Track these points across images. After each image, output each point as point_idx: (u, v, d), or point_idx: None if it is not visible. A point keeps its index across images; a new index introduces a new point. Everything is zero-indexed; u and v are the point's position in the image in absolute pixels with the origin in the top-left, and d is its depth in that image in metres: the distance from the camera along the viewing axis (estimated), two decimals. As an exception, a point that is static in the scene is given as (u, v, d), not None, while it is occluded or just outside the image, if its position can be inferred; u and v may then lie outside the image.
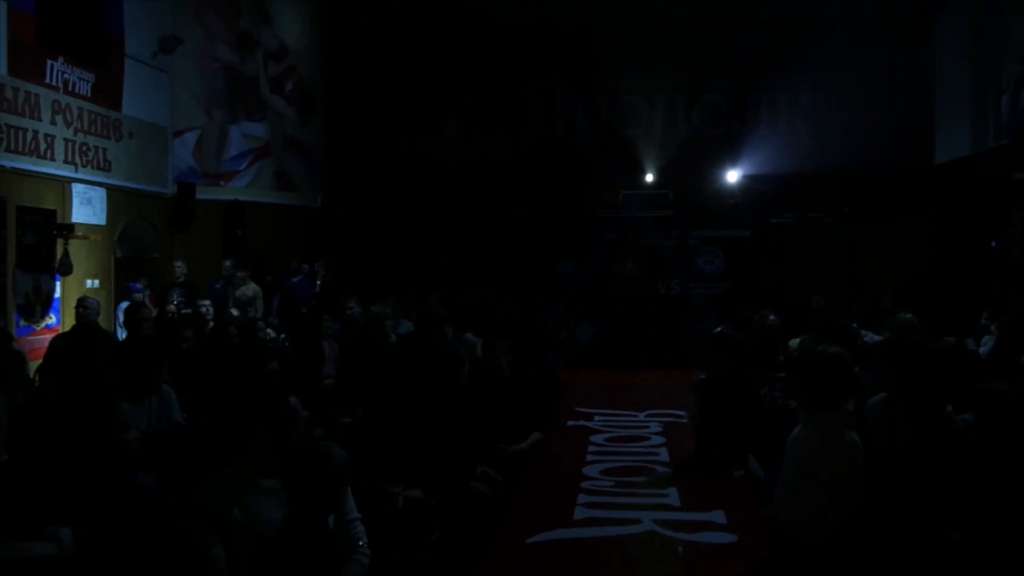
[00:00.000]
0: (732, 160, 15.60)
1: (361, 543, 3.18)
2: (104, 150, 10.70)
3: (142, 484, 3.03)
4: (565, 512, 4.27)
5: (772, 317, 6.43)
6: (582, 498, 4.49)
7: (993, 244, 12.87)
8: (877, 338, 7.88)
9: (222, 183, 12.88)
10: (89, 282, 10.46)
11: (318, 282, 12.56)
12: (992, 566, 3.17)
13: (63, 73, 9.90)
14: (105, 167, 10.71)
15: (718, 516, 4.15)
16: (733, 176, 15.55)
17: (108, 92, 10.80)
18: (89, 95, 10.38)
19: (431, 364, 4.97)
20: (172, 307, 9.73)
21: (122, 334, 10.29)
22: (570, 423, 6.57)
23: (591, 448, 5.67)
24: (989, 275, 12.54)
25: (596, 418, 6.75)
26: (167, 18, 12.00)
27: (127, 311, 9.22)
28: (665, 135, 15.87)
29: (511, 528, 4.07)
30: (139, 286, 10.94)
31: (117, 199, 10.99)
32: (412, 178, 15.08)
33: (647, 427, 6.43)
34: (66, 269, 9.64)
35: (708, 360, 5.58)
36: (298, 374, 6.10)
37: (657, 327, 12.55)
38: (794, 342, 8.20)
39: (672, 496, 4.52)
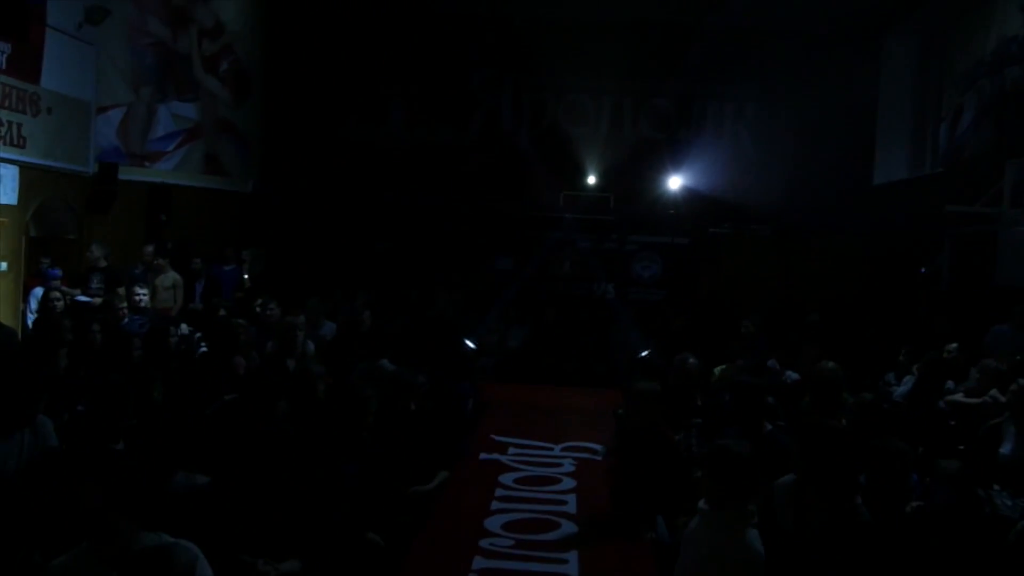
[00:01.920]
0: (675, 166, 15.56)
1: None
2: (19, 125, 10.11)
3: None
4: (456, 584, 4.09)
5: (692, 360, 6.33)
6: (477, 562, 4.32)
7: (923, 271, 13.04)
8: (796, 376, 7.87)
9: (147, 164, 12.33)
10: (-3, 265, 9.94)
11: (245, 276, 12.22)
12: None
13: (-27, 43, 9.35)
14: (19, 143, 10.14)
15: (615, 595, 4.01)
16: (675, 182, 15.50)
17: (25, 63, 10.20)
18: (4, 67, 9.79)
19: (331, 408, 4.75)
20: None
21: (32, 319, 9.83)
22: (482, 456, 6.40)
23: (498, 492, 5.50)
24: (916, 301, 12.71)
25: (510, 450, 6.59)
26: (95, -13, 11.42)
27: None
28: (610, 137, 15.75)
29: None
30: (58, 272, 10.44)
31: (31, 177, 10.43)
32: (349, 166, 14.71)
33: (560, 465, 6.29)
34: (-34, 253, 9.13)
35: (628, 409, 5.44)
36: (196, 396, 5.79)
37: (588, 336, 12.46)
38: (718, 369, 8.19)
39: (571, 563, 4.37)
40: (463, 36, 15.16)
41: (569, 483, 5.83)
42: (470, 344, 8.99)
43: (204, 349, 8.36)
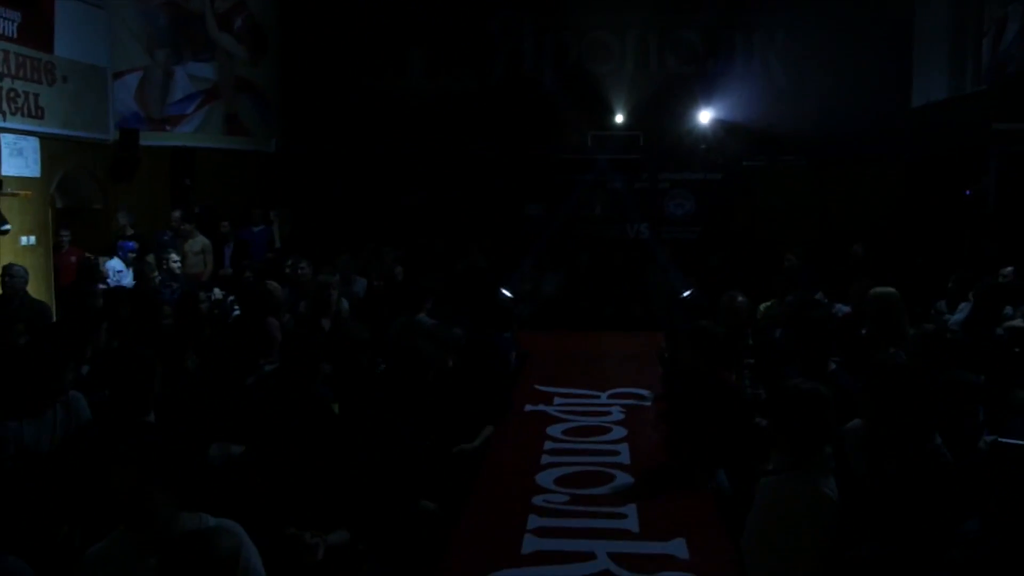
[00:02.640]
0: (705, 100, 15.07)
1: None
2: (36, 96, 9.96)
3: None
4: (512, 542, 3.93)
5: (740, 298, 6.06)
6: (533, 520, 4.16)
7: (968, 193, 12.58)
8: (846, 309, 7.60)
9: (168, 128, 12.16)
10: (25, 239, 9.85)
11: (276, 235, 12.11)
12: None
13: (-16, 13, 9.16)
14: (37, 114, 9.99)
15: (679, 548, 3.83)
16: (705, 117, 15.05)
17: (37, 32, 10.01)
18: (15, 36, 9.61)
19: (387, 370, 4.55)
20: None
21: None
22: (528, 407, 6.23)
23: (547, 446, 5.33)
24: (961, 224, 12.29)
25: (556, 400, 6.42)
26: (102, -51, 11.13)
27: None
28: (636, 74, 15.25)
29: (452, 567, 3.73)
30: (133, 245, 10.36)
31: (52, 148, 10.30)
32: (372, 118, 14.41)
33: (609, 413, 6.10)
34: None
35: (678, 351, 5.20)
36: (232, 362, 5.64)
37: (624, 279, 12.24)
38: (763, 306, 7.94)
39: (631, 517, 4.19)
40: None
41: (620, 432, 5.65)
42: (507, 293, 8.80)
43: (237, 313, 8.27)
